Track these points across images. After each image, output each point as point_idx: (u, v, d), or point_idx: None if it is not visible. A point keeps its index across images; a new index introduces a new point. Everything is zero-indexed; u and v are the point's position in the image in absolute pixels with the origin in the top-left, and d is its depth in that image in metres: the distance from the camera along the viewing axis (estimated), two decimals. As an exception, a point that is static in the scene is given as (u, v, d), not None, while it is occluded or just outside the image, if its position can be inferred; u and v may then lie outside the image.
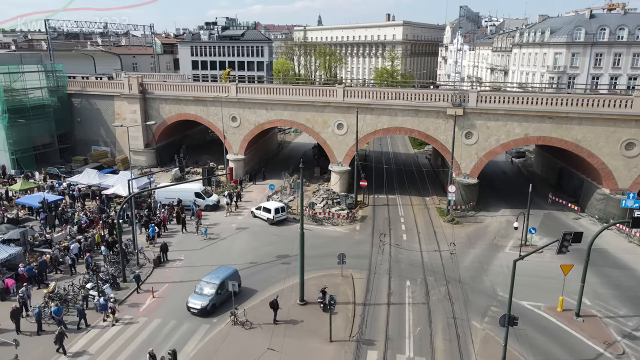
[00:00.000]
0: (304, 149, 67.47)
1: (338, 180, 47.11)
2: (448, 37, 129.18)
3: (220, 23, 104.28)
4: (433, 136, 43.45)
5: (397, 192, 48.41)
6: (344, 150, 46.84)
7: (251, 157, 54.17)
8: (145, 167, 55.39)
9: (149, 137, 55.97)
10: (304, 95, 47.30)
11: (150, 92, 54.23)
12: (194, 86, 52.17)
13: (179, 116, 53.89)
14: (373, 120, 45.13)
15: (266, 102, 48.89)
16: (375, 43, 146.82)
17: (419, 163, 60.93)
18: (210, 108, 51.83)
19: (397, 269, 31.70)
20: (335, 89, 45.95)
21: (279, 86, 49.57)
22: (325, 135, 47.30)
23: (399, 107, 43.80)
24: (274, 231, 38.24)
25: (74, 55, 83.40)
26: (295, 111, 47.99)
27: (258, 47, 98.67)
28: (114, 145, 58.03)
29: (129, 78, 54.17)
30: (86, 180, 44.97)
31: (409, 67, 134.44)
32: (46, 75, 56.10)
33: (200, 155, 60.02)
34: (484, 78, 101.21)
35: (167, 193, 42.12)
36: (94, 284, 26.87)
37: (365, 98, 44.99)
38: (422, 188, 49.15)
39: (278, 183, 49.80)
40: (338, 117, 46.29)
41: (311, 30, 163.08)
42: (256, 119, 50.02)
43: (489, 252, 34.26)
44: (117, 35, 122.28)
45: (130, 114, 55.03)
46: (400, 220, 41.08)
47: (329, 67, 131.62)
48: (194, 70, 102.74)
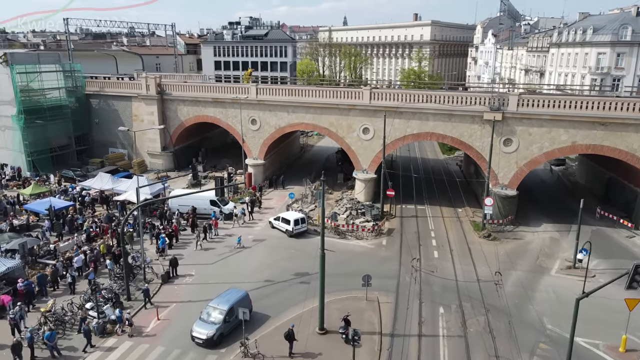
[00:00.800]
0: (327, 153, 64.47)
1: (363, 189, 43.92)
2: (479, 37, 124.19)
3: (244, 23, 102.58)
4: (467, 143, 39.82)
5: (426, 202, 44.88)
6: (369, 157, 43.63)
7: (271, 162, 51.49)
8: (162, 171, 53.42)
9: (166, 140, 53.97)
10: (328, 97, 44.31)
11: (168, 93, 52.20)
12: (213, 87, 49.86)
13: (197, 118, 51.68)
14: (402, 125, 41.78)
15: (287, 104, 46.11)
16: (402, 43, 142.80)
17: (449, 170, 57.12)
18: (229, 110, 49.40)
19: (429, 292, 28.34)
20: (362, 90, 42.80)
21: (301, 87, 46.73)
22: (350, 140, 44.19)
23: (430, 111, 40.33)
24: (292, 244, 35.35)
25: (96, 55, 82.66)
26: (319, 114, 45.05)
27: (281, 47, 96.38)
28: (131, 147, 56.17)
29: (147, 78, 52.28)
30: (99, 185, 43.07)
31: (437, 68, 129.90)
32: (64, 75, 54.78)
33: (219, 159, 57.78)
34: (517, 80, 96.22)
35: (181, 200, 39.78)
36: (93, 304, 24.46)
37: (393, 101, 41.70)
38: (453, 198, 45.47)
39: (299, 190, 46.99)
40: (364, 121, 43.13)
41: (336, 31, 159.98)
42: (277, 122, 47.30)
43: (532, 275, 30.50)
44: (142, 35, 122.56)
45: (148, 116, 53.13)
46: (430, 234, 37.61)
47: (354, 68, 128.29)
48: (216, 71, 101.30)
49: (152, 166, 54.62)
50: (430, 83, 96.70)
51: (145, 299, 26.86)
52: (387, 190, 40.69)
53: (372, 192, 44.35)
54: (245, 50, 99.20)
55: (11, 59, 49.65)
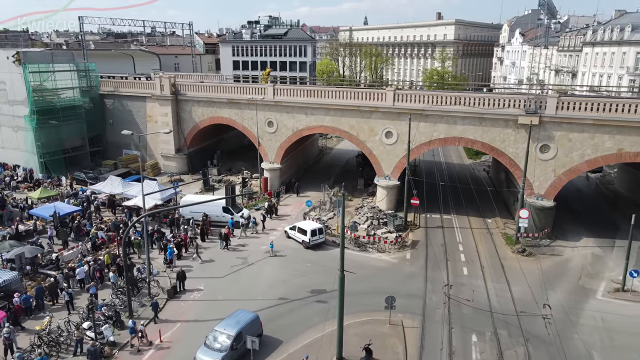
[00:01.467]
0: (347, 156, 61.87)
1: (385, 197, 41.20)
2: (505, 36, 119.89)
3: (263, 22, 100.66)
4: (499, 149, 36.76)
5: (452, 212, 41.90)
6: (392, 162, 40.92)
7: (288, 166, 49.17)
8: (175, 174, 51.65)
9: (180, 142, 52.18)
10: (349, 99, 41.75)
11: (183, 94, 50.38)
12: (228, 87, 47.81)
13: (211, 119, 49.72)
14: (428, 129, 38.96)
15: (306, 106, 43.73)
16: (424, 43, 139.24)
17: (476, 176, 53.86)
18: (245, 111, 47.28)
19: (459, 316, 25.54)
20: (385, 92, 40.12)
21: (320, 88, 44.28)
22: (372, 144, 41.54)
23: (459, 114, 37.41)
24: (309, 257, 32.91)
25: (113, 55, 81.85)
26: (338, 116, 42.52)
27: (301, 46, 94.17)
28: (145, 149, 54.70)
29: (161, 78, 50.57)
30: (109, 189, 41.37)
31: (461, 68, 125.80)
32: (78, 74, 53.49)
33: (235, 162, 55.78)
34: (546, 80, 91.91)
35: (192, 207, 37.75)
36: (90, 324, 22.45)
37: (418, 103, 38.89)
38: (482, 207, 42.33)
39: (316, 196, 44.56)
40: (387, 124, 40.44)
41: (357, 30, 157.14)
42: (294, 124, 44.95)
43: (575, 298, 27.38)
44: (162, 35, 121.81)
45: (162, 117, 51.44)
46: (458, 247, 34.70)
47: (375, 68, 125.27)
48: (234, 71, 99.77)
49: (165, 169, 52.92)
50: (454, 84, 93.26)
51: (154, 312, 24.87)
52: (412, 198, 37.92)
53: (394, 200, 41.62)
54: (264, 50, 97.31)
55: (24, 58, 48.50)
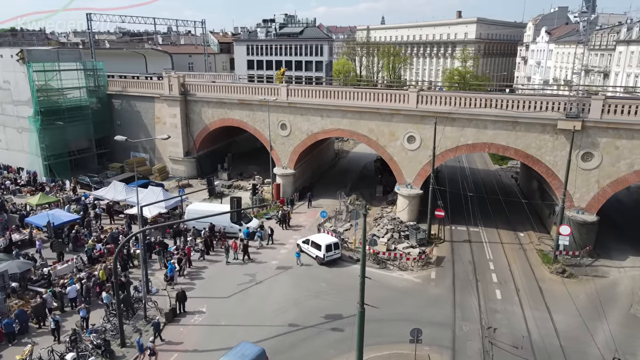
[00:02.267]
0: (364, 160, 58.67)
1: (406, 207, 37.98)
2: (530, 34, 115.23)
3: (279, 20, 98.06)
4: (535, 156, 33.24)
5: (480, 224, 38.46)
6: (414, 169, 37.69)
7: (302, 172, 46.26)
8: (184, 178, 49.17)
9: (189, 145, 49.70)
10: (368, 101, 38.62)
11: (192, 94, 47.88)
12: (239, 88, 45.10)
13: (221, 121, 47.09)
14: (454, 134, 35.63)
15: (321, 108, 40.76)
16: (444, 42, 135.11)
17: (503, 184, 50.17)
18: (257, 113, 44.52)
19: (495, 351, 22.26)
20: (407, 93, 36.90)
21: (337, 89, 41.22)
22: (392, 149, 38.37)
23: (489, 118, 33.99)
24: (324, 274, 29.91)
25: (125, 54, 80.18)
26: (357, 119, 39.44)
27: (317, 45, 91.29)
28: (153, 152, 52.42)
29: (169, 78, 48.14)
30: (111, 195, 39.01)
31: (483, 68, 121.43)
32: (85, 74, 51.44)
33: (247, 166, 53.10)
34: (576, 81, 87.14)
35: (197, 216, 35.10)
36: (74, 356, 19.82)
37: (444, 105, 35.59)
38: (512, 219, 38.76)
39: (332, 204, 41.61)
40: (409, 128, 37.23)
41: (375, 29, 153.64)
42: (309, 127, 42.02)
43: (629, 332, 23.83)
44: (177, 34, 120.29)
45: (170, 118, 49.02)
46: (489, 266, 31.31)
47: (393, 68, 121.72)
48: (249, 70, 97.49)
49: (173, 173, 50.49)
50: (477, 84, 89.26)
51: (155, 333, 22.23)
52: (436, 210, 34.65)
53: (416, 210, 38.38)
54: (280, 49, 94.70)
55: (28, 56, 46.56)
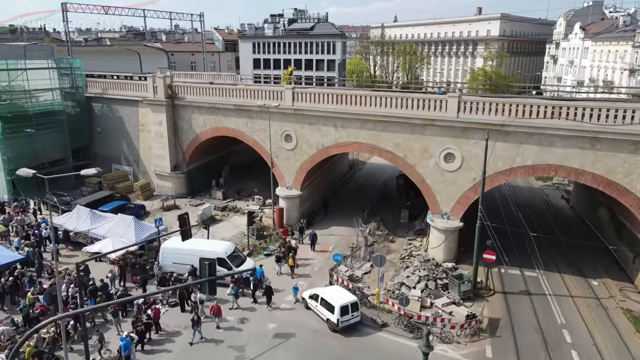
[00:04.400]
0: (384, 174, 50.33)
1: (441, 243, 29.82)
2: (560, 31, 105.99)
3: (287, 15, 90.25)
4: (622, 185, 24.90)
5: (536, 264, 30.13)
6: (453, 196, 29.56)
7: (310, 192, 38.34)
8: (170, 197, 41.58)
9: (178, 157, 42.07)
10: (393, 108, 30.53)
11: (181, 97, 40.24)
12: (235, 91, 37.28)
13: (214, 130, 39.38)
14: (508, 152, 27.43)
15: (335, 116, 32.81)
16: (464, 40, 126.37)
17: (553, 207, 41.53)
18: (257, 121, 36.72)
19: None
20: (446, 98, 28.73)
21: (355, 92, 33.12)
22: (424, 170, 30.27)
23: (558, 132, 25.72)
24: (338, 347, 21.94)
25: (116, 51, 73.12)
26: (378, 131, 31.41)
27: (329, 42, 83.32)
28: (137, 164, 44.89)
29: (154, 78, 40.52)
30: (73, 224, 31.42)
31: (508, 68, 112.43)
32: (59, 73, 44.14)
33: (246, 182, 45.31)
34: (617, 82, 78.20)
35: (176, 255, 27.42)
36: None
37: (495, 114, 27.41)
38: (576, 258, 30.37)
39: (346, 234, 33.73)
40: (447, 143, 29.11)
41: (390, 27, 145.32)
42: (319, 139, 34.10)
43: None
44: (182, 32, 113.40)
45: (155, 126, 41.44)
46: (563, 335, 23.01)
47: (409, 67, 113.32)
48: (255, 70, 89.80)
49: (159, 190, 42.91)
50: (506, 85, 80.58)
51: None
52: (485, 252, 26.49)
53: (454, 247, 30.23)
54: (288, 46, 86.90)
55: (-14, 53, 39.36)
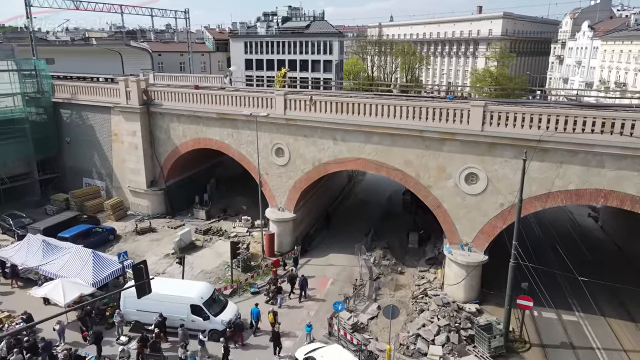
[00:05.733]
0: (388, 188, 44.87)
1: (462, 280, 24.95)
2: (567, 30, 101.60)
3: (281, 13, 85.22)
4: (692, 216, 20.18)
5: (574, 305, 25.31)
6: (475, 224, 24.73)
7: (306, 213, 33.38)
8: (146, 217, 36.56)
9: (155, 172, 37.03)
10: (404, 118, 25.63)
11: (157, 104, 35.21)
12: (217, 97, 32.26)
13: (196, 142, 34.38)
14: (545, 173, 22.62)
15: (334, 127, 27.88)
16: (465, 40, 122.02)
17: (582, 230, 36.51)
18: (243, 132, 31.77)
19: None
20: (469, 107, 23.84)
21: (357, 99, 28.13)
22: (441, 192, 25.41)
23: (610, 150, 20.90)
24: None
25: (97, 51, 67.87)
26: (387, 145, 26.53)
27: (326, 42, 78.40)
28: (109, 179, 39.80)
29: (126, 82, 35.42)
30: (22, 258, 26.26)
31: (512, 69, 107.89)
32: (21, 76, 39.01)
33: (234, 198, 40.26)
34: (631, 84, 73.77)
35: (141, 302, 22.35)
36: None
37: (527, 127, 22.57)
38: (620, 296, 25.57)
39: (348, 264, 28.89)
40: (469, 161, 24.28)
41: (387, 27, 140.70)
42: (316, 154, 29.18)
43: None
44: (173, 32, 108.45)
45: (129, 137, 36.39)
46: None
47: (409, 68, 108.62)
48: (247, 71, 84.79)
49: (134, 209, 37.84)
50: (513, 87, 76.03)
51: None
52: (520, 298, 21.66)
53: (477, 285, 25.40)
54: (282, 46, 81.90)
55: None
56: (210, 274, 28.31)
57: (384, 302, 25.71)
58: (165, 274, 27.89)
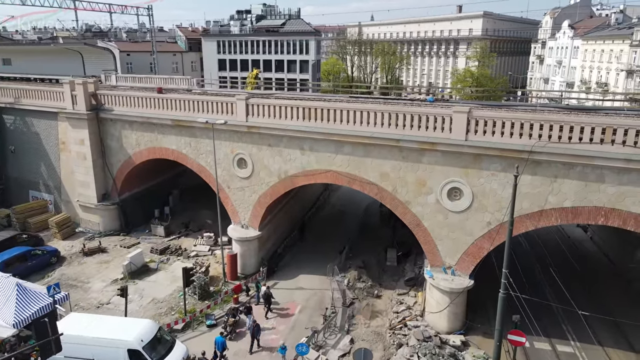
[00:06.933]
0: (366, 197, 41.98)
1: (445, 308, 22.10)
2: (547, 29, 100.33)
3: (256, 11, 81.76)
4: None
5: (569, 334, 22.72)
6: (460, 245, 21.94)
7: (273, 230, 30.19)
8: (97, 235, 32.92)
9: (107, 185, 33.39)
10: (378, 126, 22.66)
11: (108, 109, 31.59)
12: (172, 101, 28.85)
13: (150, 152, 30.89)
14: (537, 188, 19.92)
15: (301, 136, 24.78)
16: (445, 39, 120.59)
17: (572, 242, 33.99)
18: (202, 141, 28.45)
19: None
20: (451, 113, 20.97)
21: (328, 104, 25.03)
22: (421, 209, 22.55)
23: (611, 163, 18.28)
24: None
25: (57, 51, 63.41)
26: (360, 157, 23.55)
27: (302, 41, 75.22)
28: (58, 192, 35.97)
29: (71, 84, 31.68)
30: (-64, 292, 22.49)
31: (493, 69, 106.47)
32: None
33: (199, 210, 36.78)
34: (612, 83, 72.55)
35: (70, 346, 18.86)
36: None
37: (517, 136, 19.84)
38: (618, 321, 23.14)
39: (319, 286, 25.88)
40: (452, 174, 21.46)
41: (367, 26, 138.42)
42: (282, 166, 26.05)
43: None
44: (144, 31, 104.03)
45: (76, 145, 32.67)
46: None
47: (389, 68, 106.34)
48: (220, 72, 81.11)
49: (85, 225, 34.13)
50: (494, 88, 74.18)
51: None
52: (509, 332, 18.90)
53: (462, 313, 22.59)
54: (257, 46, 78.44)
55: None
56: (162, 304, 24.93)
57: (358, 333, 22.79)
58: (110, 305, 24.45)
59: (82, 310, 23.98)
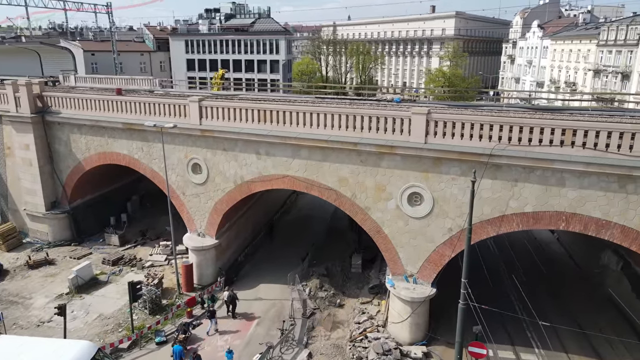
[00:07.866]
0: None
1: (407, 318, 21.18)
2: (517, 30, 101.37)
3: (225, 10, 79.98)
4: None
5: (533, 341, 22.08)
6: (421, 252, 21.06)
7: (233, 238, 28.81)
8: (45, 246, 30.97)
9: (57, 192, 31.48)
10: (336, 128, 21.60)
11: (55, 112, 29.70)
12: (121, 104, 27.21)
13: (101, 157, 29.15)
14: (497, 193, 19.16)
15: (257, 139, 23.52)
16: (419, 39, 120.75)
17: (540, 244, 33.55)
18: (155, 146, 26.89)
19: None
20: (409, 115, 20.05)
21: (284, 106, 23.78)
22: (381, 215, 21.59)
23: (571, 167, 17.60)
24: None
25: (13, 51, 60.60)
26: (318, 161, 22.45)
27: (272, 40, 73.80)
28: (4, 200, 33.79)
29: (14, 85, 29.67)
30: None
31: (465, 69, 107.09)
32: None
33: (159, 217, 35.04)
34: (580, 83, 73.47)
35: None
36: None
37: (477, 139, 19.03)
38: (583, 322, 22.64)
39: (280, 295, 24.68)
40: (412, 178, 20.55)
41: (342, 26, 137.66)
42: (237, 170, 24.75)
43: None
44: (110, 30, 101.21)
45: (22, 151, 30.66)
46: None
47: (363, 68, 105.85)
48: (189, 72, 79.10)
49: (34, 235, 32.12)
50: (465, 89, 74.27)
51: None
52: (471, 344, 18.08)
53: (424, 323, 21.70)
54: (226, 45, 76.68)
55: None
56: (109, 320, 23.33)
57: (317, 347, 21.68)
58: (52, 323, 22.70)
59: (21, 329, 22.23)
